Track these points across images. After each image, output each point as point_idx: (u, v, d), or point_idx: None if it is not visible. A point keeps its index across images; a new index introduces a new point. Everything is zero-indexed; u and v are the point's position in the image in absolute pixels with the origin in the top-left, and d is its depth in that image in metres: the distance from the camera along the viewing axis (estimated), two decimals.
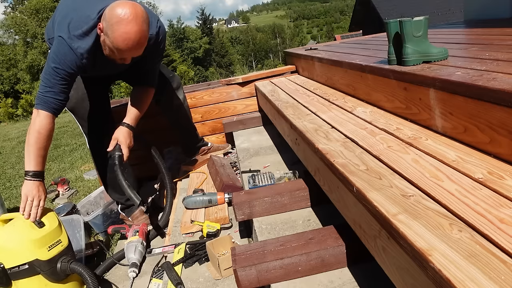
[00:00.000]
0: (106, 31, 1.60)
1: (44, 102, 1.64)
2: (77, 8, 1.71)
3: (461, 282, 0.63)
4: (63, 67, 1.64)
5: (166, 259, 1.81)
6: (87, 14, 1.66)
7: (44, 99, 1.64)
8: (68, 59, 1.65)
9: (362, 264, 1.24)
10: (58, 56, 1.64)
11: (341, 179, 1.13)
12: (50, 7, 24.38)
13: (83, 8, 1.69)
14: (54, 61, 1.64)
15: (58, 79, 1.65)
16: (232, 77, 4.75)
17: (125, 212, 2.23)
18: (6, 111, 12.42)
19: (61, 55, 1.64)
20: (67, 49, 1.64)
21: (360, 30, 20.20)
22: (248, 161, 2.36)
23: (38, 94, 1.66)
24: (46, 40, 1.96)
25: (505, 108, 0.97)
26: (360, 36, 8.65)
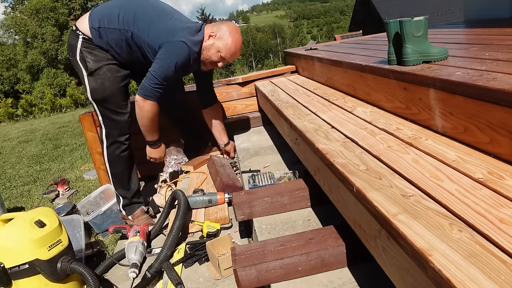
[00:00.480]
0: (220, 36, 2.08)
1: (153, 95, 2.00)
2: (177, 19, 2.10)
3: (461, 282, 0.63)
4: (178, 68, 2.00)
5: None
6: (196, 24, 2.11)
7: (154, 93, 2.00)
8: (185, 62, 2.02)
9: (362, 264, 1.24)
10: (179, 58, 1.98)
11: (341, 179, 1.13)
12: (50, 7, 24.36)
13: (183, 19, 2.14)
14: (173, 61, 1.97)
15: (169, 78, 2.01)
16: (232, 77, 4.75)
17: (125, 210, 2.24)
18: (6, 111, 12.40)
19: (182, 56, 1.99)
20: (186, 51, 1.99)
21: (360, 30, 20.20)
22: (248, 161, 2.36)
23: (148, 86, 1.99)
24: (92, 28, 2.01)
25: (505, 108, 0.97)
26: (360, 36, 8.65)
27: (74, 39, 2.03)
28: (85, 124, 2.86)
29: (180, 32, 2.00)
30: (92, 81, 2.04)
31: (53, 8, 24.50)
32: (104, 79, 2.04)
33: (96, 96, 2.06)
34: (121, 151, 2.16)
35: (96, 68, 2.02)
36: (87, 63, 2.02)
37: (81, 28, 2.02)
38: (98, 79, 2.04)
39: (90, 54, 2.02)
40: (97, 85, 2.04)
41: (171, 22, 2.04)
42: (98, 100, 2.08)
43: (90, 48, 2.02)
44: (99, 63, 2.03)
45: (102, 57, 2.03)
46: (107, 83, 2.04)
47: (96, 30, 2.00)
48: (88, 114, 2.90)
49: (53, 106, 12.91)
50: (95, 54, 2.02)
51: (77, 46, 2.02)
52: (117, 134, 2.14)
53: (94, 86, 2.05)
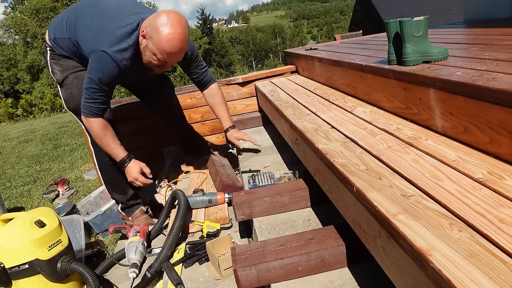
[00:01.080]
0: (150, 35, 1.71)
1: (91, 111, 1.83)
2: (112, 19, 1.80)
3: (461, 282, 0.63)
4: (106, 80, 1.78)
5: None
6: (126, 26, 1.76)
7: (90, 109, 1.82)
8: (111, 72, 1.77)
9: (362, 264, 1.24)
10: (101, 69, 1.76)
11: (341, 179, 1.13)
12: (50, 7, 24.36)
13: (118, 19, 1.79)
14: (97, 74, 1.77)
15: (100, 91, 1.80)
16: (232, 77, 4.75)
17: (125, 211, 2.23)
18: (6, 111, 12.40)
19: (105, 69, 1.76)
20: (111, 62, 1.74)
21: (360, 30, 20.21)
22: (248, 161, 2.36)
23: (84, 103, 1.83)
24: (49, 39, 1.98)
25: (505, 108, 0.97)
26: (360, 36, 8.65)
27: (45, 53, 2.02)
28: None
29: (106, 38, 1.76)
30: (63, 92, 2.02)
31: (53, 8, 24.49)
32: (71, 88, 1.99)
33: (69, 106, 2.03)
34: (109, 158, 2.06)
35: (63, 78, 1.99)
36: (55, 74, 2.00)
37: (46, 40, 2.00)
38: (66, 89, 2.00)
39: (56, 65, 1.99)
40: (67, 95, 2.01)
41: (103, 24, 1.80)
42: (72, 110, 2.04)
43: (56, 59, 1.99)
44: (65, 73, 1.99)
45: (68, 66, 1.98)
46: (75, 92, 1.96)
47: (53, 41, 1.97)
48: None
49: (53, 106, 12.92)
50: (61, 64, 1.99)
51: (47, 59, 2.01)
52: None
53: (65, 97, 2.02)
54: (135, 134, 2.38)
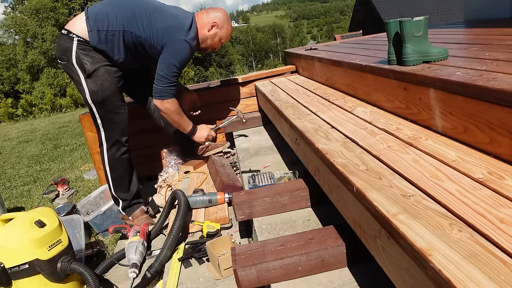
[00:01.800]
0: (222, 25, 2.27)
1: (168, 94, 2.15)
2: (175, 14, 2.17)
3: (461, 282, 0.63)
4: (183, 65, 2.15)
5: None
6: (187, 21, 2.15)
7: (168, 91, 2.14)
8: (188, 58, 2.18)
9: (362, 264, 1.24)
10: (181, 54, 2.11)
11: (341, 179, 1.13)
12: (50, 7, 24.35)
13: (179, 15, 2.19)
14: (178, 59, 2.11)
15: (177, 75, 2.16)
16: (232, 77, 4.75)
17: (125, 211, 2.23)
18: (6, 111, 12.40)
19: (185, 55, 2.13)
20: (189, 49, 2.13)
21: (360, 30, 20.21)
22: (248, 161, 2.36)
23: (161, 87, 2.13)
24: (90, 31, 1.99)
25: (505, 108, 0.97)
26: (360, 36, 8.65)
27: (68, 42, 1.99)
28: (85, 124, 2.85)
29: (179, 31, 2.09)
30: (91, 83, 2.02)
31: (53, 8, 24.48)
32: (103, 80, 2.03)
33: (97, 98, 2.04)
34: (121, 153, 2.15)
35: (94, 70, 2.00)
36: (84, 65, 1.99)
37: (75, 30, 1.99)
38: (97, 80, 2.02)
39: (86, 56, 2.00)
40: (97, 86, 2.03)
41: (167, 20, 2.10)
42: (98, 102, 2.05)
43: (86, 50, 2.00)
44: (96, 65, 2.01)
45: (98, 58, 2.03)
46: (106, 84, 2.04)
47: (95, 33, 1.98)
48: (88, 114, 2.89)
49: (53, 106, 12.91)
50: (92, 56, 2.01)
51: (72, 48, 1.99)
52: (117, 135, 2.13)
53: (94, 88, 2.03)
54: (135, 134, 2.38)
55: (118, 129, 2.13)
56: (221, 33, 2.29)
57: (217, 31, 2.26)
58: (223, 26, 2.28)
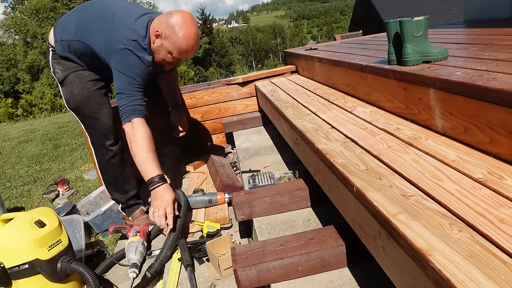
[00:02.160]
0: (166, 35, 1.78)
1: (135, 111, 1.79)
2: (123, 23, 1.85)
3: (461, 282, 0.63)
4: (138, 75, 1.81)
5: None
6: (137, 26, 1.83)
7: (134, 108, 1.79)
8: (139, 68, 1.81)
9: (362, 264, 1.24)
10: (131, 66, 1.79)
11: (341, 179, 1.13)
12: (50, 7, 24.34)
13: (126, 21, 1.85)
14: (129, 71, 1.79)
15: (137, 87, 1.81)
16: (232, 77, 4.76)
17: (125, 211, 2.23)
18: (6, 111, 12.41)
19: (134, 65, 1.80)
20: (136, 59, 1.80)
21: (360, 30, 20.20)
22: (248, 161, 2.36)
23: (124, 107, 1.79)
24: (54, 41, 1.99)
25: (505, 108, 0.97)
26: (360, 36, 8.65)
27: (47, 54, 2.04)
28: None
29: (119, 41, 1.80)
30: (64, 91, 2.04)
31: (53, 8, 24.46)
32: (72, 87, 2.01)
33: (69, 105, 2.05)
34: (109, 157, 2.10)
35: (64, 77, 2.01)
36: (56, 73, 2.02)
37: (49, 41, 2.03)
38: (67, 87, 2.02)
39: (58, 65, 2.01)
40: (68, 94, 2.02)
41: (115, 27, 1.84)
42: (72, 109, 2.05)
43: (58, 59, 2.01)
44: (66, 72, 2.00)
45: (68, 65, 2.01)
46: (76, 90, 2.01)
47: (58, 43, 1.98)
48: None
49: (53, 106, 12.92)
50: (62, 64, 2.01)
51: (49, 60, 2.03)
52: (101, 140, 2.08)
53: (66, 96, 2.04)
54: None
55: (100, 133, 2.08)
56: (167, 44, 1.80)
57: (161, 42, 1.81)
58: (168, 36, 1.78)
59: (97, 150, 2.11)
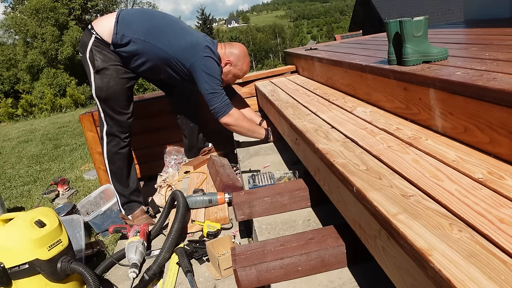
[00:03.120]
0: (236, 63, 2.26)
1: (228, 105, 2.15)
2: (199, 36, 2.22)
3: (461, 282, 0.63)
4: (220, 74, 2.17)
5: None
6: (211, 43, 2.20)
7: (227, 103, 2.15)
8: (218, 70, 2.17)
9: (362, 264, 1.24)
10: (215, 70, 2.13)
11: (341, 179, 1.13)
12: (50, 7, 24.33)
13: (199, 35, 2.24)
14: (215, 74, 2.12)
15: (221, 86, 2.15)
16: None
17: (125, 209, 2.24)
18: (6, 111, 12.42)
19: (216, 70, 2.14)
20: (217, 65, 2.16)
21: (360, 30, 20.21)
22: (248, 161, 2.36)
23: (218, 103, 2.12)
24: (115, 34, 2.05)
25: (505, 108, 0.97)
26: (360, 36, 8.65)
27: (87, 37, 2.09)
28: (85, 124, 2.86)
29: (203, 49, 2.11)
30: (98, 79, 2.10)
31: (53, 8, 24.46)
32: (109, 79, 2.10)
33: (100, 94, 2.12)
34: (120, 148, 2.20)
35: (103, 67, 2.08)
36: (95, 61, 2.07)
37: (97, 29, 2.07)
38: (104, 77, 2.09)
39: (99, 53, 2.07)
40: (103, 83, 2.10)
41: (192, 38, 2.14)
42: (101, 98, 2.13)
43: (100, 48, 2.07)
44: (106, 63, 2.08)
45: (110, 58, 2.08)
46: (112, 83, 2.10)
47: (119, 36, 2.04)
48: (88, 114, 2.90)
49: (53, 106, 12.93)
50: (104, 54, 2.08)
51: (89, 44, 2.08)
52: (117, 131, 2.19)
53: (100, 85, 2.10)
54: (136, 134, 2.38)
55: (119, 126, 2.19)
56: (235, 71, 2.29)
57: (230, 69, 2.26)
58: (237, 64, 2.27)
59: (109, 140, 2.19)
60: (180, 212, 1.85)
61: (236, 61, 2.25)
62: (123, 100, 2.17)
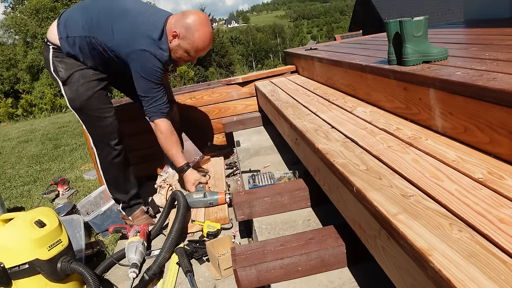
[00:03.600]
0: (183, 36, 1.92)
1: (156, 112, 2.01)
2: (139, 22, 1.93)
3: (461, 282, 0.63)
4: (157, 78, 1.95)
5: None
6: (153, 25, 1.92)
7: (156, 109, 2.00)
8: (158, 69, 1.94)
9: (362, 264, 1.24)
10: (152, 70, 1.92)
11: (341, 179, 1.13)
12: (50, 7, 24.33)
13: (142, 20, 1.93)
14: (150, 75, 1.93)
15: (157, 88, 1.98)
16: (232, 77, 4.76)
17: (125, 211, 2.23)
18: (6, 111, 12.41)
19: (154, 68, 1.92)
20: (155, 61, 1.91)
21: (360, 30, 20.21)
22: (248, 161, 2.36)
23: (149, 108, 2.00)
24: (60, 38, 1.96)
25: (505, 108, 0.97)
26: (360, 36, 8.65)
27: (46, 51, 2.01)
28: None
29: (138, 39, 1.89)
30: (67, 90, 2.01)
31: (53, 8, 24.45)
32: (77, 86, 1.99)
33: (74, 104, 2.02)
34: (113, 157, 2.10)
35: (68, 76, 1.98)
36: (59, 72, 1.99)
37: (50, 39, 1.99)
38: (71, 87, 2.00)
39: (61, 63, 1.98)
40: (72, 93, 2.00)
41: (128, 27, 1.91)
42: (77, 108, 2.03)
43: (60, 57, 1.98)
44: (70, 71, 1.98)
45: (72, 64, 1.99)
46: (81, 89, 1.99)
47: (64, 40, 1.96)
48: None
49: (53, 106, 12.92)
50: (66, 62, 1.98)
51: (49, 57, 1.99)
52: (105, 139, 2.07)
53: (70, 95, 2.01)
54: (135, 134, 2.38)
55: (105, 132, 2.07)
56: (184, 44, 1.93)
57: (178, 42, 1.93)
58: (186, 36, 1.91)
59: (100, 150, 2.10)
60: (180, 212, 1.85)
61: (185, 32, 1.91)
62: (99, 104, 2.03)
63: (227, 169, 2.75)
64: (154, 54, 1.89)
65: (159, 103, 2.01)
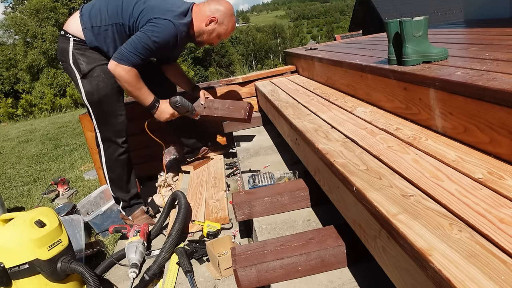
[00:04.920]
0: (222, 21, 2.08)
1: (128, 60, 1.89)
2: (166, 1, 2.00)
3: (461, 282, 0.63)
4: (162, 44, 1.94)
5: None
6: (181, 3, 2.04)
7: (128, 57, 1.88)
8: (169, 40, 1.95)
9: (362, 264, 1.24)
10: (163, 34, 1.91)
11: (341, 179, 1.13)
12: (50, 7, 24.35)
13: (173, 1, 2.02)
14: (157, 37, 1.90)
15: (148, 51, 1.93)
16: (232, 77, 4.75)
17: (125, 211, 2.23)
18: (6, 111, 12.42)
19: (167, 34, 1.92)
20: (173, 30, 1.93)
21: (360, 30, 20.20)
22: (248, 161, 2.36)
23: (124, 51, 1.88)
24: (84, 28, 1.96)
25: (505, 108, 0.97)
26: (360, 36, 8.65)
27: (65, 43, 1.99)
28: (85, 124, 2.85)
29: (165, 12, 1.93)
30: (87, 83, 2.00)
31: (53, 8, 24.48)
32: (98, 81, 2.00)
33: (92, 98, 2.02)
34: (119, 154, 2.12)
35: (89, 70, 1.98)
36: (79, 65, 1.97)
37: (70, 30, 1.98)
38: (92, 81, 1.99)
39: (82, 56, 1.97)
40: (92, 87, 2.00)
41: (156, 2, 1.96)
42: (94, 102, 2.03)
43: (82, 50, 1.98)
44: (91, 64, 1.98)
45: (94, 58, 1.99)
46: (102, 84, 2.00)
47: (89, 30, 1.95)
48: (88, 114, 2.89)
49: (53, 106, 12.93)
50: (87, 56, 1.98)
51: (69, 49, 1.98)
52: (113, 137, 2.09)
53: (89, 89, 2.01)
54: (135, 134, 2.38)
55: (114, 130, 2.09)
56: (220, 30, 2.10)
57: (215, 27, 2.08)
58: (223, 22, 2.09)
59: (107, 146, 2.11)
60: (181, 212, 1.85)
61: (222, 18, 2.07)
62: (116, 101, 2.06)
63: (227, 169, 2.75)
64: (177, 26, 1.93)
65: (136, 58, 1.90)
